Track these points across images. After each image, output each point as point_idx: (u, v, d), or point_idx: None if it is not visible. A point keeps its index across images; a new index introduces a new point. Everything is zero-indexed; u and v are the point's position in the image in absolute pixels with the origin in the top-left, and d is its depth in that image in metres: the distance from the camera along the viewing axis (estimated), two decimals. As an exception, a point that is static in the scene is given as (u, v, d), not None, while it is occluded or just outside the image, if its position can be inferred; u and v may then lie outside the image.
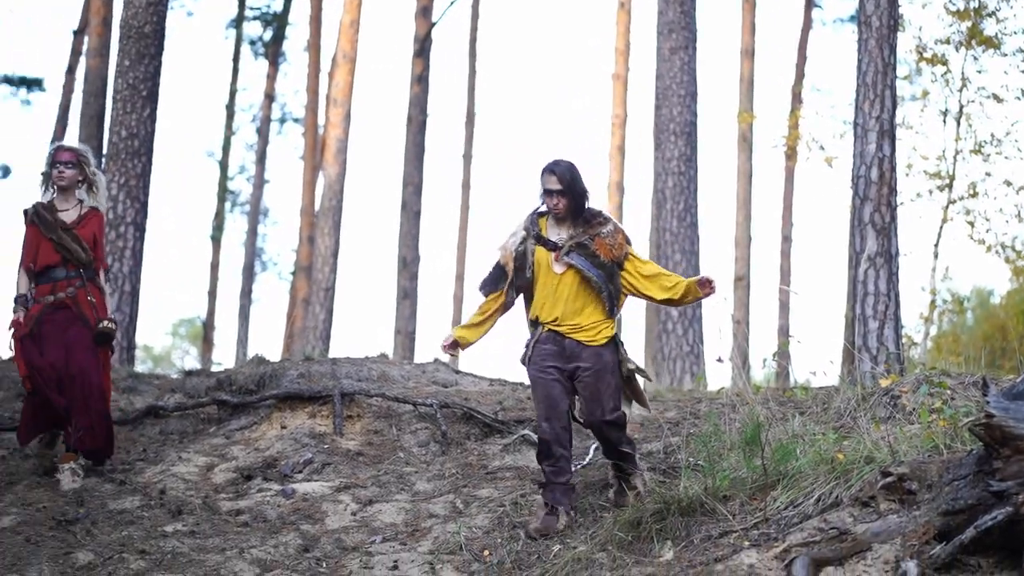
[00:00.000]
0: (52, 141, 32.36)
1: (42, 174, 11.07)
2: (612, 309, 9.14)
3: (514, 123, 64.35)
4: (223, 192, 41.02)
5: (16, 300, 10.81)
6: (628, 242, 9.21)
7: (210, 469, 11.26)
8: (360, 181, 64.15)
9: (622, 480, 9.40)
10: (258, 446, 11.71)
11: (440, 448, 11.33)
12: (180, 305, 68.88)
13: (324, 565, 9.01)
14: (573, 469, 10.27)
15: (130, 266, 17.24)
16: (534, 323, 9.31)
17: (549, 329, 9.17)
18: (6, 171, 40.25)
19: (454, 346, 9.23)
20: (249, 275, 38.05)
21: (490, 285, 9.32)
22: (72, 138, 30.22)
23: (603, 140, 32.41)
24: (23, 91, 41.23)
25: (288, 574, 8.81)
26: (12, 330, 10.77)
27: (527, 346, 9.27)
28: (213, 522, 10.04)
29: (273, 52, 39.51)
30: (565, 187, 9.05)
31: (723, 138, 55.02)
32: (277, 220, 56.25)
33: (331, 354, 16.78)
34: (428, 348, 57.40)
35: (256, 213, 38.94)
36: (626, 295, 9.30)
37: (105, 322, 10.81)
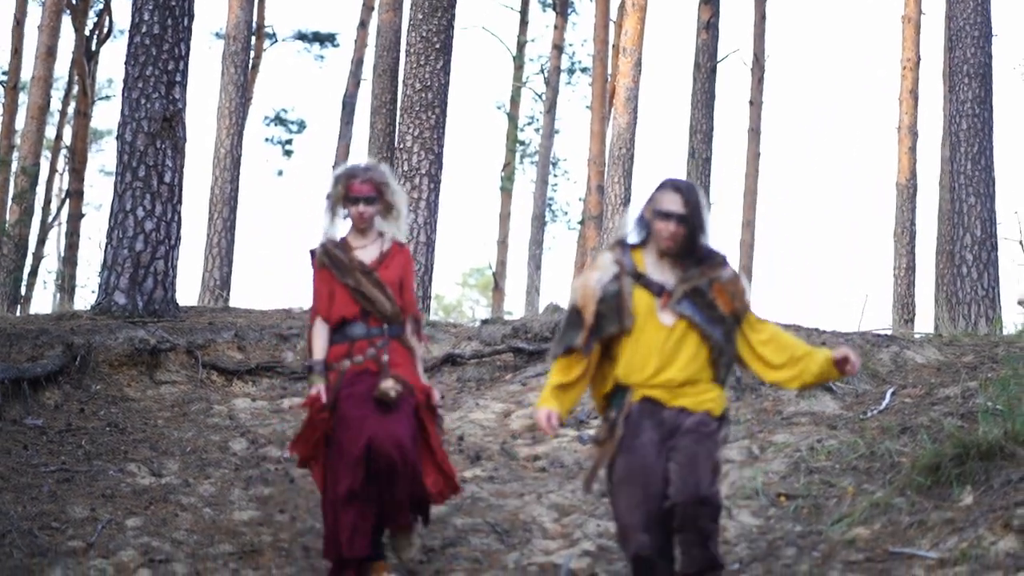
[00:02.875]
0: (345, 98, 32.95)
1: (327, 197, 8.38)
2: (725, 378, 6.87)
3: (802, 68, 63.47)
4: (513, 143, 41.48)
5: (312, 368, 8.21)
6: (749, 293, 6.92)
7: (507, 416, 11.44)
8: (649, 129, 64.08)
9: None
10: (554, 392, 11.87)
11: (735, 394, 11.32)
12: (469, 255, 69.92)
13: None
14: (869, 414, 10.18)
15: (425, 217, 17.63)
16: (617, 392, 6.85)
17: (644, 397, 6.71)
18: (302, 126, 41.36)
19: (559, 424, 6.76)
20: (540, 225, 38.35)
21: (564, 339, 6.83)
22: (366, 92, 30.80)
23: (893, 83, 31.74)
24: (316, 47, 42.28)
25: (585, 519, 8.94)
26: (308, 409, 8.20)
27: (610, 422, 6.83)
28: (511, 468, 10.23)
29: (561, 2, 39.62)
30: (690, 213, 6.69)
31: (1018, 79, 53.37)
32: (567, 170, 56.58)
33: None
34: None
35: (546, 163, 39.21)
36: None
37: (391, 384, 7.96)
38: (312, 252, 8.36)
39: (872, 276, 59.54)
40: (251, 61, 32.57)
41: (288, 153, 42.73)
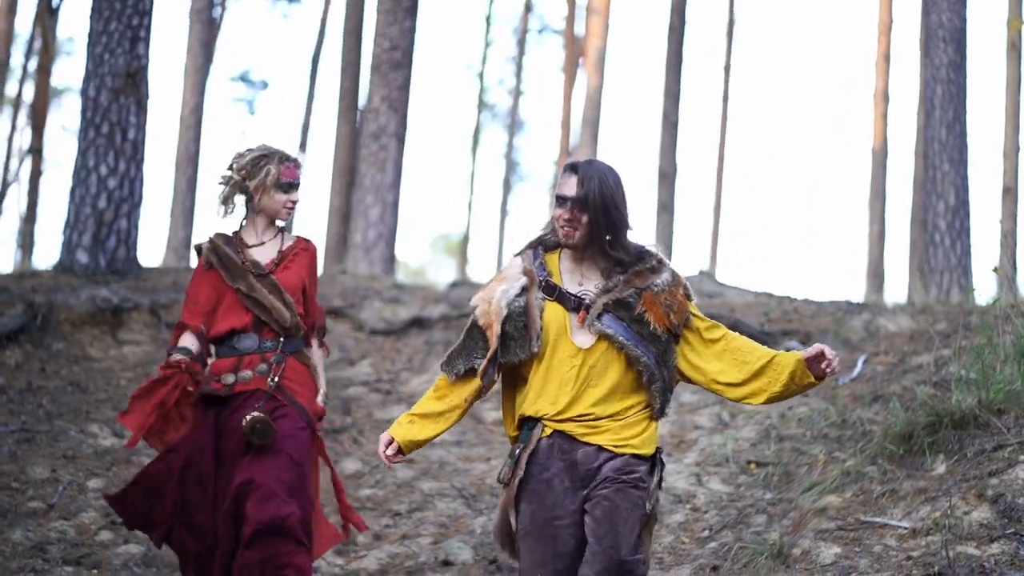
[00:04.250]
0: (314, 58, 32.69)
1: (224, 180, 7.05)
2: (662, 408, 5.51)
3: (775, 33, 63.24)
4: (481, 104, 41.33)
5: (172, 351, 6.80)
6: (689, 297, 5.60)
7: (475, 379, 11.36)
8: (618, 92, 63.85)
9: None
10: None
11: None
12: (436, 219, 69.80)
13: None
14: (841, 382, 10.09)
15: (392, 177, 17.49)
16: (527, 424, 5.51)
17: (555, 431, 5.41)
18: (264, 85, 41.03)
19: (398, 453, 5.49)
20: (508, 189, 38.32)
21: (459, 360, 5.56)
22: (335, 50, 30.54)
23: (868, 48, 31.70)
24: (282, 5, 41.99)
25: (554, 482, 8.87)
26: (168, 381, 6.61)
27: (513, 459, 5.49)
28: (478, 431, 10.16)
29: (532, -38, 39.49)
30: (586, 197, 5.39)
31: (991, 46, 53.51)
32: (535, 132, 56.49)
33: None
34: (688, 260, 57.08)
35: (515, 126, 39.12)
36: (678, 381, 5.65)
37: (254, 414, 6.53)
38: (198, 248, 7.06)
39: (846, 243, 59.51)
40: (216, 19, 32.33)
41: (252, 112, 42.50)
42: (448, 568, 8.20)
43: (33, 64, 31.82)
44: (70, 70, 44.59)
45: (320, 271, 17.96)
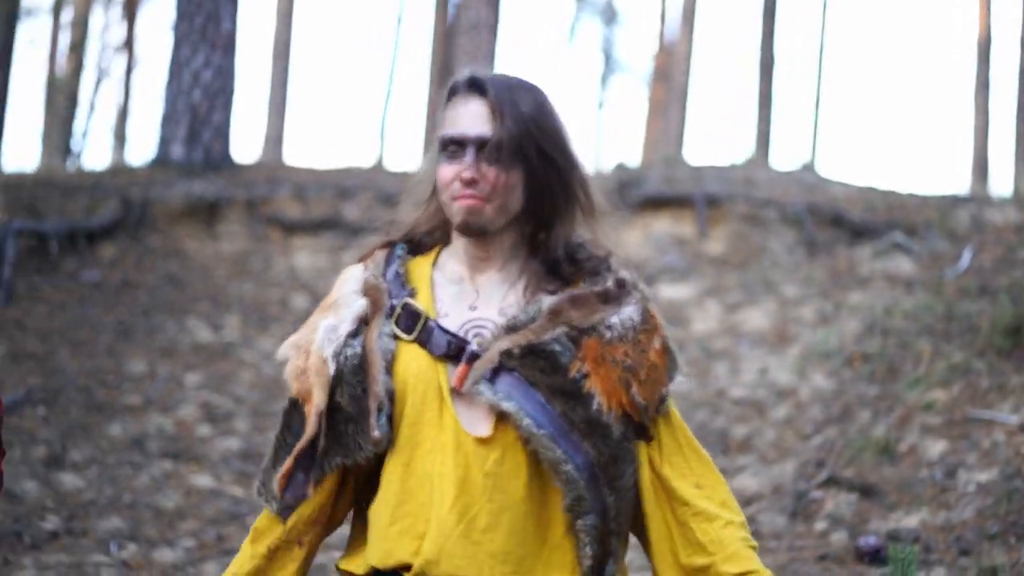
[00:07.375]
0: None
1: None
2: (603, 562, 2.70)
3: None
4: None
5: None
6: (673, 368, 2.78)
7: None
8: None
9: None
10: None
11: (808, 252, 11.08)
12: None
13: (691, 368, 8.94)
14: (946, 275, 9.88)
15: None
16: None
17: None
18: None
19: None
20: (603, 81, 38.06)
21: (273, 488, 2.89)
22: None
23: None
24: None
25: (654, 377, 8.77)
26: None
27: None
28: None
29: None
30: (514, 134, 2.71)
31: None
32: (632, 24, 55.96)
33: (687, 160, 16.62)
34: (789, 154, 56.34)
35: (610, 17, 38.77)
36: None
37: None
38: None
39: (950, 136, 58.47)
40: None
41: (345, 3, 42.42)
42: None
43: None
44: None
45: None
